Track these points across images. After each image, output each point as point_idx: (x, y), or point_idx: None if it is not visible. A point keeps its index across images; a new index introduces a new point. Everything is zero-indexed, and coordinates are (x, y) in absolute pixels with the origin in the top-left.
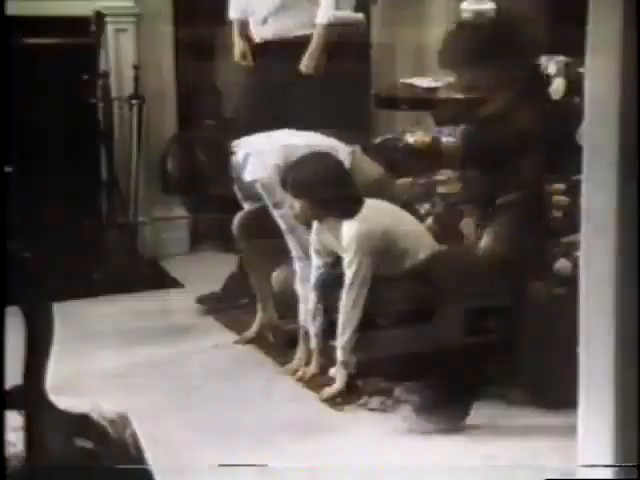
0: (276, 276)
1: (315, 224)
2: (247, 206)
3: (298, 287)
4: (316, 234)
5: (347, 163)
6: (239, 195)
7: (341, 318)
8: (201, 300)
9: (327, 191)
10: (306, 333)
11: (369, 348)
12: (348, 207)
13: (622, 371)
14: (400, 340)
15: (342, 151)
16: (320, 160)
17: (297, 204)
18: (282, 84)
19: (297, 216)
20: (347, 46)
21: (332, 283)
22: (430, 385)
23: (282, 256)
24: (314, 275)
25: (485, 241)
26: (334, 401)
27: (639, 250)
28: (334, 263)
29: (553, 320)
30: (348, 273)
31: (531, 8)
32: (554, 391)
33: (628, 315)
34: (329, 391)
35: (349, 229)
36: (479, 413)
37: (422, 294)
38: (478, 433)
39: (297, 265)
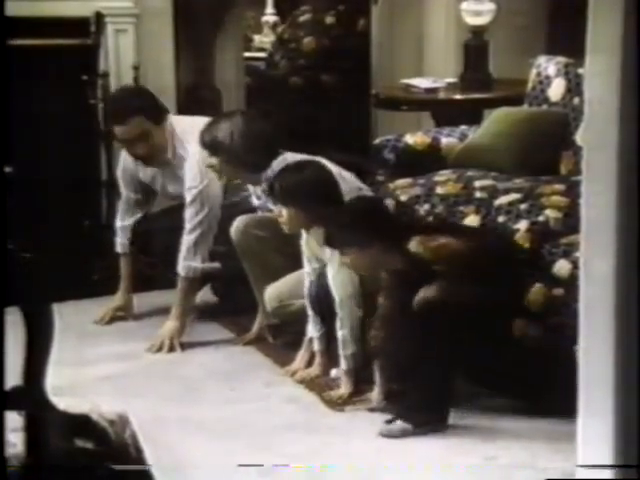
0: (269, 294)
1: (303, 233)
2: (259, 213)
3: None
4: (305, 244)
5: None
6: (257, 203)
7: (340, 332)
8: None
9: (313, 200)
10: (310, 338)
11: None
12: (334, 217)
13: (622, 371)
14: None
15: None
16: (308, 169)
17: (284, 212)
18: None
19: (284, 224)
20: None
21: (321, 295)
22: (409, 388)
23: (281, 261)
24: (305, 283)
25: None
26: (337, 403)
27: (639, 250)
28: (322, 272)
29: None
30: (334, 285)
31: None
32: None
33: (628, 315)
34: (334, 395)
35: None
36: (476, 414)
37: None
38: (478, 433)
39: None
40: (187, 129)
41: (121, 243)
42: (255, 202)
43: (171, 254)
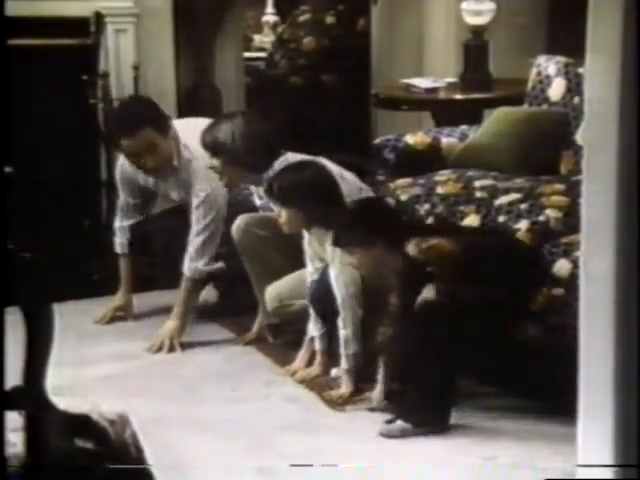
0: (269, 294)
1: (305, 233)
2: (261, 212)
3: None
4: (307, 244)
5: None
6: (259, 203)
7: (342, 331)
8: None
9: (311, 200)
10: (311, 337)
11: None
12: (334, 218)
13: (622, 371)
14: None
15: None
16: (306, 169)
17: (284, 213)
18: None
19: (284, 224)
20: None
21: (322, 294)
22: (409, 388)
23: (281, 260)
24: (307, 283)
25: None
26: (337, 403)
27: (639, 250)
28: (324, 272)
29: None
30: (336, 285)
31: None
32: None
33: (628, 314)
34: (334, 395)
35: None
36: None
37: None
38: (478, 433)
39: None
40: (190, 131)
41: (120, 243)
42: (257, 202)
43: (171, 255)
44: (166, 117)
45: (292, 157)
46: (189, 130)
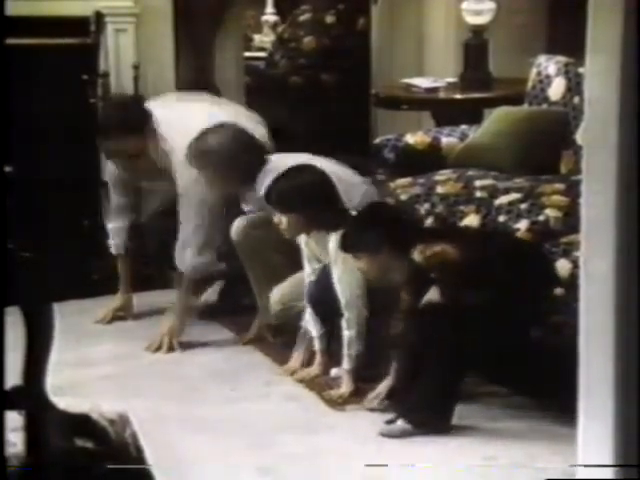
0: (273, 297)
1: (303, 236)
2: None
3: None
4: (305, 245)
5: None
6: (246, 209)
7: (347, 332)
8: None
9: (312, 204)
10: (305, 333)
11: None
12: (334, 221)
13: (622, 371)
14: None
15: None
16: (304, 174)
17: (284, 219)
18: None
19: (285, 230)
20: None
21: (322, 295)
22: (412, 388)
23: (281, 260)
24: (305, 284)
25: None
26: (337, 402)
27: (639, 250)
28: (323, 273)
29: None
30: (340, 286)
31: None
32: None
33: (628, 314)
34: (334, 394)
35: (335, 242)
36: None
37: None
38: (478, 434)
39: None
40: (173, 124)
41: (115, 244)
42: (245, 208)
43: (167, 256)
44: (151, 117)
45: (276, 158)
46: (173, 122)
